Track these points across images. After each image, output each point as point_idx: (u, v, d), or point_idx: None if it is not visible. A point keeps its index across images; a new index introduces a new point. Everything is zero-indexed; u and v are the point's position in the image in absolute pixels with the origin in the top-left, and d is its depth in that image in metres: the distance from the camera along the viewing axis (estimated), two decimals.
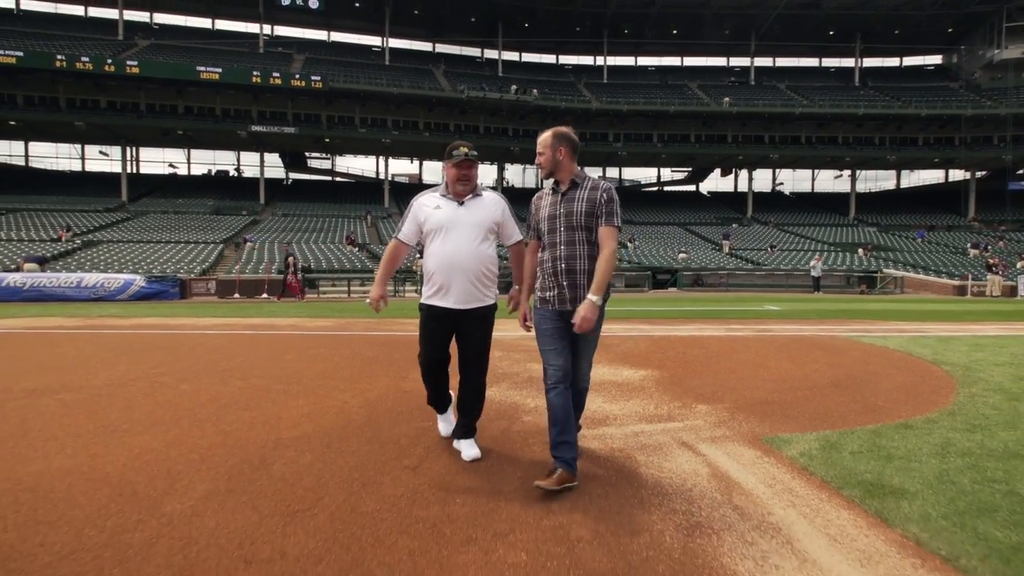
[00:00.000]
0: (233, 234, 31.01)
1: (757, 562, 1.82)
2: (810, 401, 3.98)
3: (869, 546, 1.91)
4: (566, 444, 2.40)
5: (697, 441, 3.07)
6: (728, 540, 1.97)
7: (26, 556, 1.84)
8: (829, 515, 2.15)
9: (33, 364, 5.54)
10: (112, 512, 2.17)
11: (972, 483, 2.43)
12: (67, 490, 2.37)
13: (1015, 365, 5.29)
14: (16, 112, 34.57)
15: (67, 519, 2.11)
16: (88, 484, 2.44)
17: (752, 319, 10.36)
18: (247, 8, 42.50)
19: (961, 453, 2.82)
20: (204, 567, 1.77)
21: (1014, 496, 2.29)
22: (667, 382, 4.65)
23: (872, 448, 2.89)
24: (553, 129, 2.58)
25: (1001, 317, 11.19)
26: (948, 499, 2.26)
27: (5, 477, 2.53)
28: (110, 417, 3.53)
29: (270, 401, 3.96)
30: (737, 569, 1.78)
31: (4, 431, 3.24)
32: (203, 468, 2.64)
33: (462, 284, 2.64)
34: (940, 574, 1.74)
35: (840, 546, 1.92)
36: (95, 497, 2.31)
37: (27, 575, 1.73)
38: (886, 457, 2.76)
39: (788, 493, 2.37)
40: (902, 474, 2.53)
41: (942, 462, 2.68)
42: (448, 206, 2.70)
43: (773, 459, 2.78)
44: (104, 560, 1.81)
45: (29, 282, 16.07)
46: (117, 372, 5.06)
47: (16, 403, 3.89)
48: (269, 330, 8.49)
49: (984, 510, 2.16)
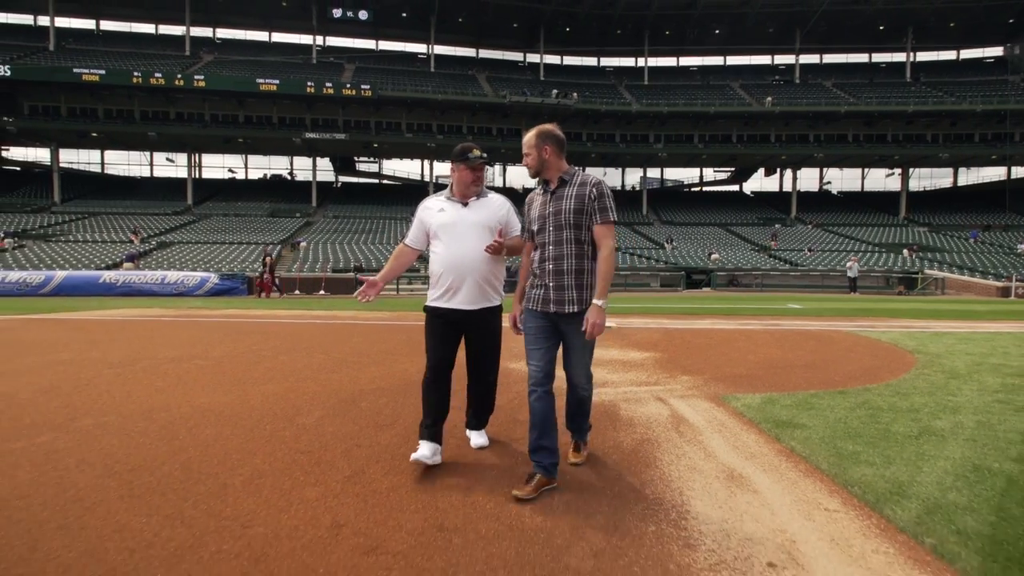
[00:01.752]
0: (289, 236, 33.19)
1: (678, 456, 2.83)
2: (777, 376, 4.88)
3: (758, 451, 2.89)
4: (545, 450, 2.42)
5: (669, 397, 4.07)
6: (665, 447, 2.99)
7: (221, 442, 3.03)
8: (741, 437, 3.13)
9: (162, 342, 6.98)
10: (266, 423, 3.36)
11: (859, 423, 3.34)
12: (232, 413, 3.59)
13: (985, 355, 5.98)
14: (98, 124, 37.84)
15: (240, 427, 3.31)
16: (243, 410, 3.66)
17: (768, 316, 11.08)
18: (301, 21, 45.02)
19: (869, 408, 3.71)
20: (332, 449, 2.92)
21: (885, 432, 3.19)
22: (664, 361, 5.62)
23: (802, 404, 3.81)
24: (537, 128, 2.56)
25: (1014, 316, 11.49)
26: (831, 431, 3.19)
27: (188, 405, 3.78)
28: (237, 375, 4.80)
29: (349, 367, 5.16)
30: (663, 459, 2.80)
31: (169, 381, 4.55)
32: (315, 403, 3.83)
33: (470, 285, 2.67)
34: (792, 463, 2.70)
35: (737, 451, 2.90)
36: (251, 416, 3.51)
37: (228, 453, 2.91)
38: (808, 408, 3.68)
39: (720, 425, 3.35)
40: (810, 417, 3.46)
41: (848, 412, 3.59)
42: (452, 208, 2.74)
43: (721, 408, 3.75)
44: (273, 445, 2.99)
45: (122, 279, 18.27)
46: (227, 348, 6.42)
47: (168, 365, 5.24)
48: (333, 320, 9.86)
49: (851, 436, 3.09)
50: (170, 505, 2.21)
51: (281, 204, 41.35)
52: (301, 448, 2.92)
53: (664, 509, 2.21)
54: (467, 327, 2.73)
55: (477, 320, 2.71)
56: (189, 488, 2.38)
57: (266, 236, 32.39)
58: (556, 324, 2.49)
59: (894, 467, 2.62)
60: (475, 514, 2.15)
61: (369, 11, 43.54)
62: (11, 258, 23.17)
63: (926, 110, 39.03)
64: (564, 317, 2.45)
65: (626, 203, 45.21)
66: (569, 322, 2.46)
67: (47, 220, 33.63)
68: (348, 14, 43.90)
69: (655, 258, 29.73)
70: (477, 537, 1.96)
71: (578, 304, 2.43)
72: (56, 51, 40.23)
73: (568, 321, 2.46)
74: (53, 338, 7.47)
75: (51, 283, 18.07)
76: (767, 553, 1.87)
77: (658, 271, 25.91)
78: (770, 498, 2.31)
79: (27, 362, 5.46)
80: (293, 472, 2.58)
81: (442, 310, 2.70)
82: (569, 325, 2.46)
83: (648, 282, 25.21)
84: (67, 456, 2.78)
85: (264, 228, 34.85)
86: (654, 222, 42.00)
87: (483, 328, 2.75)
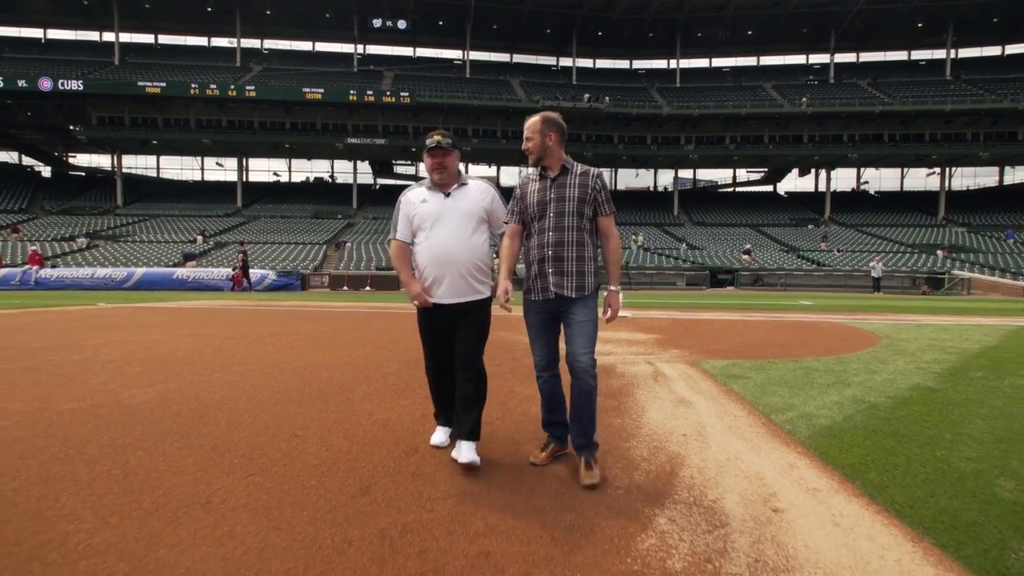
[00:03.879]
0: (332, 236, 35.22)
1: (649, 391, 4.07)
2: (750, 350, 6.02)
3: (707, 391, 4.10)
4: (556, 423, 2.68)
5: (657, 361, 5.29)
6: (643, 387, 4.22)
7: (335, 380, 4.41)
8: (699, 383, 4.35)
9: (256, 323, 8.54)
10: (361, 370, 4.74)
11: (792, 377, 4.50)
12: (335, 365, 4.98)
13: (943, 340, 6.95)
14: (158, 132, 40.72)
15: (343, 372, 4.69)
16: (341, 364, 5.05)
17: (775, 310, 12.06)
18: (343, 31, 47.33)
19: (808, 369, 4.85)
20: (412, 387, 4.25)
21: (807, 382, 4.35)
22: (663, 340, 6.82)
23: (757, 367, 4.98)
24: (542, 114, 2.56)
25: (1017, 313, 12.12)
26: (767, 380, 4.37)
27: (300, 361, 5.19)
28: (325, 344, 6.24)
29: (412, 341, 6.53)
30: (638, 393, 4.04)
31: (279, 347, 6.01)
32: (392, 361, 5.21)
33: (454, 278, 2.60)
34: (728, 397, 3.91)
35: (692, 390, 4.13)
36: (349, 367, 4.89)
37: (342, 385, 4.27)
38: (760, 369, 4.85)
39: (687, 377, 4.57)
40: (757, 373, 4.64)
41: (788, 371, 4.75)
42: (435, 198, 2.65)
43: (694, 368, 4.96)
44: (372, 382, 4.36)
45: (192, 275, 20.38)
46: (307, 328, 7.90)
47: (271, 338, 6.73)
48: (386, 310, 11.35)
49: (780, 384, 4.27)
50: (318, 404, 3.58)
51: (324, 206, 43.63)
52: (390, 384, 4.28)
53: (630, 415, 3.46)
54: (455, 319, 2.66)
55: (464, 312, 2.65)
56: (327, 397, 3.75)
57: (311, 236, 34.51)
58: (556, 312, 2.54)
59: (795, 399, 3.80)
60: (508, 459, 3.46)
61: (408, 20, 45.44)
62: (91, 256, 25.70)
63: (963, 108, 38.50)
64: (565, 300, 2.48)
65: (657, 204, 45.90)
66: (570, 305, 2.48)
67: (113, 222, 36.53)
68: (388, 24, 45.89)
69: (682, 258, 30.56)
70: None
71: (577, 291, 2.47)
72: (120, 65, 43.39)
73: (569, 304, 2.48)
74: (164, 320, 9.13)
75: (132, 278, 20.36)
76: (684, 431, 3.12)
77: (684, 271, 26.78)
78: (700, 411, 3.54)
79: (159, 335, 7.02)
80: (391, 393, 3.93)
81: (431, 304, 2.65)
82: (570, 308, 2.49)
83: (674, 281, 26.13)
84: (242, 382, 4.20)
85: (309, 229, 37.02)
86: (685, 223, 42.59)
87: (470, 318, 2.65)
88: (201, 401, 3.65)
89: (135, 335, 7.06)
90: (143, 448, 2.72)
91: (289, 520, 1.95)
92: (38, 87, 35.41)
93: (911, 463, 2.55)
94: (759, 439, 2.97)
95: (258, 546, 1.77)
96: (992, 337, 7.25)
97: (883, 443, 2.84)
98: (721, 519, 2.02)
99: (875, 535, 1.89)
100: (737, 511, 2.09)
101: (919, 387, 4.17)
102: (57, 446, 2.74)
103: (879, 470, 2.46)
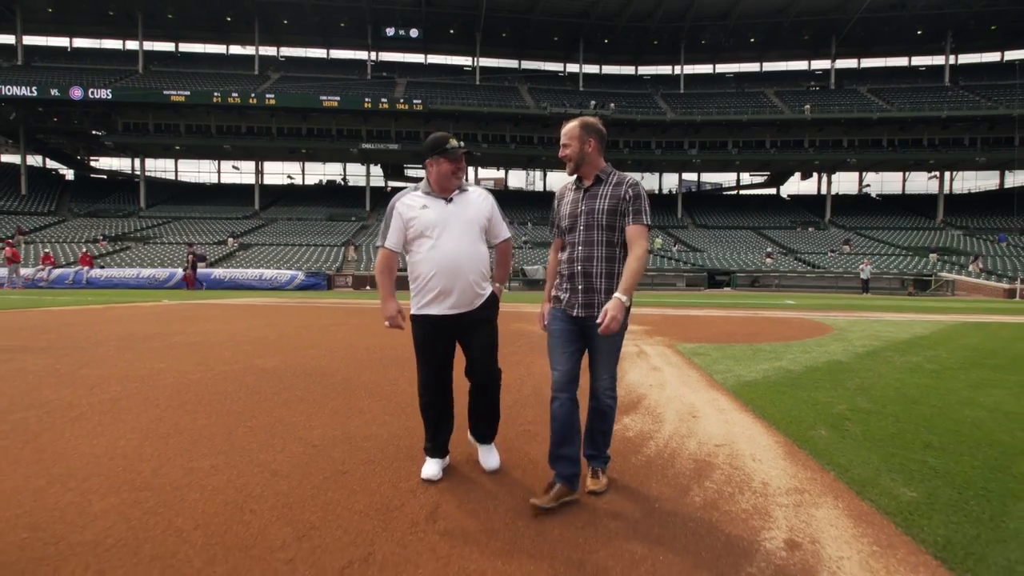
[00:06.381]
0: (348, 238, 36.84)
1: (632, 362, 5.55)
2: (720, 338, 7.47)
3: (675, 362, 5.58)
4: (565, 460, 2.32)
5: (642, 344, 6.77)
6: (628, 361, 5.70)
7: (394, 355, 5.92)
8: (670, 358, 5.82)
9: (308, 316, 10.07)
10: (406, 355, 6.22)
11: (742, 354, 5.96)
12: (389, 346, 6.47)
13: (885, 330, 8.36)
14: (180, 138, 42.50)
15: (401, 350, 6.18)
16: (395, 346, 6.54)
17: (759, 308, 13.48)
18: (357, 39, 48.96)
19: (758, 350, 6.29)
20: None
21: (753, 357, 5.79)
22: (651, 331, 8.29)
23: (719, 349, 6.44)
24: (581, 119, 2.42)
25: (981, 311, 13.47)
26: (723, 356, 5.83)
27: (362, 345, 6.69)
28: (376, 332, 7.74)
29: None
30: (624, 364, 5.50)
31: (339, 335, 7.52)
32: None
33: (464, 286, 2.51)
34: (689, 366, 5.37)
35: (664, 362, 5.60)
36: (402, 353, 6.38)
37: (405, 359, 5.76)
38: (720, 349, 6.31)
39: (663, 355, 6.04)
40: (717, 352, 6.10)
41: (742, 351, 6.20)
42: (436, 205, 2.53)
43: (670, 349, 6.43)
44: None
45: (228, 275, 22.04)
46: (355, 320, 9.43)
47: (331, 328, 8.26)
48: None
49: (731, 359, 5.72)
50: (398, 368, 5.07)
51: (337, 208, 45.29)
52: None
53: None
54: (464, 327, 2.56)
55: (476, 318, 2.56)
56: (401, 364, 5.24)
57: (328, 239, 36.14)
58: (583, 328, 2.40)
59: (737, 367, 5.26)
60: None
61: (420, 29, 47.03)
62: (127, 257, 27.43)
63: (959, 115, 39.64)
64: (592, 321, 2.32)
65: (661, 206, 47.25)
66: (596, 327, 2.27)
67: (137, 224, 38.31)
68: (400, 32, 47.56)
69: (682, 260, 31.98)
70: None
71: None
72: (144, 73, 45.22)
73: (596, 326, 2.27)
74: (234, 314, 10.69)
75: (174, 278, 22.04)
76: (651, 383, 4.60)
77: (683, 272, 28.19)
78: (666, 374, 5.02)
79: (241, 325, 8.55)
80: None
81: (436, 317, 2.52)
82: (596, 330, 2.27)
83: (674, 282, 27.55)
84: (335, 356, 5.70)
85: (324, 231, 38.67)
86: (688, 225, 43.97)
87: (480, 318, 2.57)
88: (316, 366, 5.17)
89: (222, 325, 8.61)
90: (299, 388, 4.23)
91: (398, 418, 3.45)
92: (69, 96, 37.21)
93: (788, 398, 4.02)
94: (700, 387, 4.45)
95: (385, 430, 3.27)
96: (928, 329, 8.67)
97: (779, 389, 4.31)
98: (661, 419, 3.50)
99: (744, 424, 3.38)
100: (672, 417, 3.57)
101: (832, 361, 5.62)
102: (239, 388, 4.25)
103: (767, 401, 3.94)
